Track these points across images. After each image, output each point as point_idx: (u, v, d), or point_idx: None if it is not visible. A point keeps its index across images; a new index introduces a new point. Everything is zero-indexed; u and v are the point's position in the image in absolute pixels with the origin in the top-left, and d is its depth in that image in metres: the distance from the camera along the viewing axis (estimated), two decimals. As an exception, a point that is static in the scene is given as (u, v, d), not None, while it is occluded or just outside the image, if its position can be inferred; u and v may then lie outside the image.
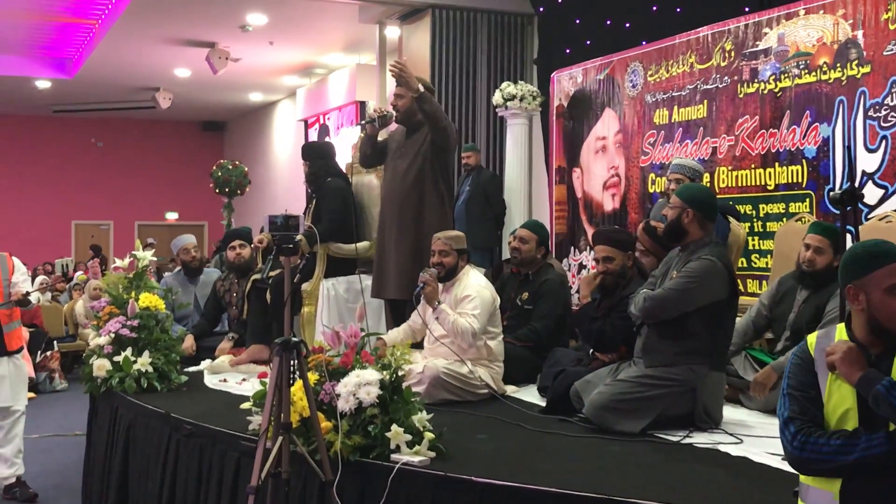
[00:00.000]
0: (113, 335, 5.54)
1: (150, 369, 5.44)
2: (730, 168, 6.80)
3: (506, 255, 8.93)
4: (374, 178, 6.51)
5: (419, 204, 5.72)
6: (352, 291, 6.15)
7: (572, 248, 8.58)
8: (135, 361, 5.43)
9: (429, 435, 3.66)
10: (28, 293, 5.89)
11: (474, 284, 5.05)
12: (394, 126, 6.14)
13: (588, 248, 8.25)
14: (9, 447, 5.97)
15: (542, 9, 10.10)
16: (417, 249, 5.66)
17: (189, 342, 6.51)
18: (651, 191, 7.48)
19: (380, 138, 6.17)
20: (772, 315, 5.04)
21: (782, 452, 3.62)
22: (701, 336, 4.22)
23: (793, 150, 6.33)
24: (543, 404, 4.80)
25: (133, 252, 6.01)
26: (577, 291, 5.95)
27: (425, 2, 10.42)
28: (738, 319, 4.95)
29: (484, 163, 10.36)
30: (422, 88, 5.71)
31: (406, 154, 5.80)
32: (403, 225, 5.72)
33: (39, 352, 10.55)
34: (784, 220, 6.24)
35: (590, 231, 8.24)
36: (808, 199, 6.21)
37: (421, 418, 3.70)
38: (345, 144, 11.77)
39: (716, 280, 4.21)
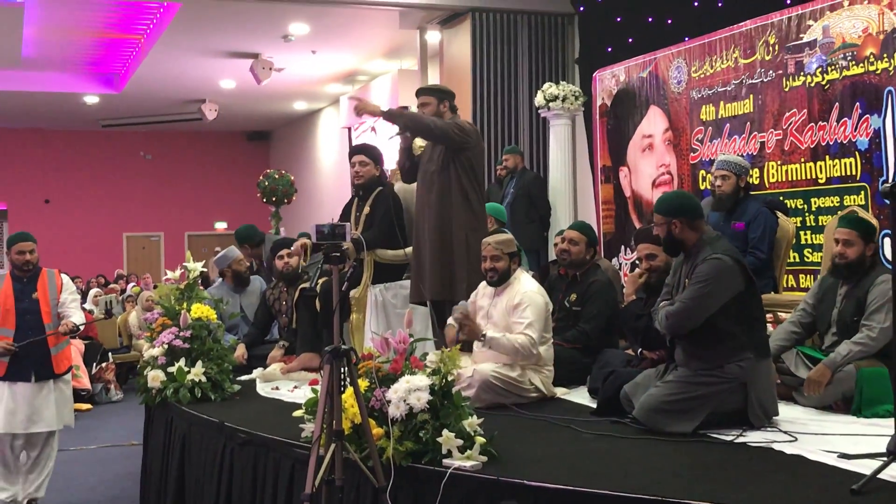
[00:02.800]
0: (166, 346, 5.61)
1: (204, 379, 5.50)
2: (779, 162, 6.73)
3: (551, 256, 8.93)
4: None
5: (446, 205, 5.70)
6: (399, 297, 6.15)
7: (622, 246, 8.53)
8: (188, 372, 5.50)
9: (480, 439, 3.66)
10: (77, 325, 5.95)
11: (527, 291, 5.02)
12: None
13: (637, 246, 8.20)
14: (38, 467, 6.03)
15: (582, 8, 10.07)
16: (448, 250, 5.65)
17: (240, 351, 6.58)
18: (703, 188, 7.42)
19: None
20: (816, 313, 5.00)
21: (838, 450, 3.62)
22: (735, 332, 4.17)
23: (845, 142, 6.25)
24: (594, 406, 4.78)
25: (184, 263, 6.08)
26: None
27: (465, 5, 10.43)
28: (784, 319, 4.92)
29: (528, 164, 10.33)
30: (381, 110, 5.71)
31: (432, 158, 5.80)
32: (433, 227, 5.71)
33: (95, 363, 10.73)
34: (840, 213, 6.15)
35: (642, 229, 8.20)
36: (862, 192, 6.13)
37: (472, 423, 3.70)
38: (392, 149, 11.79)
39: (728, 275, 4.16)
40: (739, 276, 4.19)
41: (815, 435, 4.05)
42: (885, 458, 3.31)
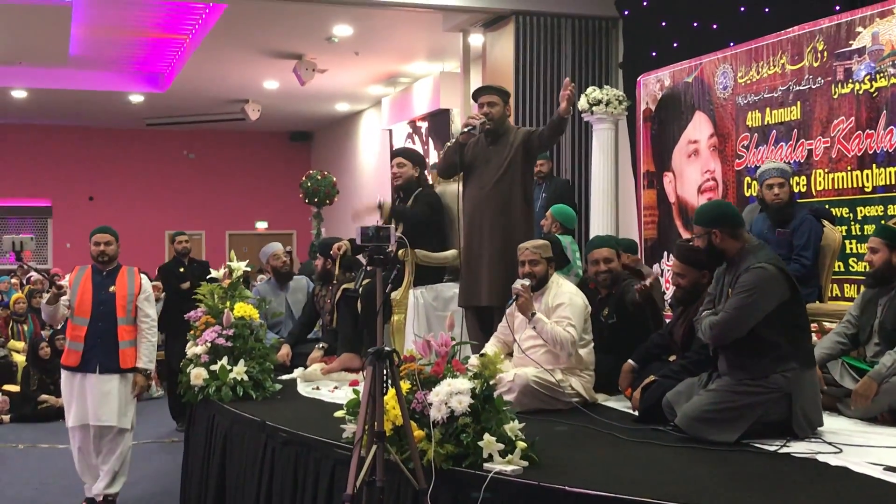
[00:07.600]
0: (209, 344, 5.66)
1: (246, 378, 5.54)
2: (826, 170, 6.66)
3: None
4: (459, 186, 6.47)
5: (508, 210, 5.72)
6: (440, 300, 6.17)
7: (665, 252, 8.47)
8: (230, 370, 5.54)
9: (521, 444, 3.65)
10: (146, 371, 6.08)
11: (566, 292, 5.04)
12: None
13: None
14: (107, 464, 5.99)
15: (626, 11, 10.01)
16: (508, 254, 5.64)
17: (285, 350, 6.63)
18: (748, 195, 7.35)
19: None
20: (859, 324, 4.96)
21: (884, 463, 3.58)
22: (780, 342, 4.14)
23: (891, 150, 6.17)
24: (636, 413, 4.75)
25: (228, 263, 6.13)
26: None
27: (509, 8, 10.40)
28: (828, 329, 4.87)
29: (569, 169, 10.30)
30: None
31: (492, 161, 5.79)
32: (494, 232, 5.71)
33: (137, 360, 10.80)
34: (883, 222, 6.08)
35: (685, 236, 8.12)
36: (906, 202, 6.05)
37: (513, 427, 3.70)
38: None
39: (772, 284, 4.12)
40: (784, 285, 4.15)
41: (860, 447, 4.01)
42: (932, 472, 3.27)
